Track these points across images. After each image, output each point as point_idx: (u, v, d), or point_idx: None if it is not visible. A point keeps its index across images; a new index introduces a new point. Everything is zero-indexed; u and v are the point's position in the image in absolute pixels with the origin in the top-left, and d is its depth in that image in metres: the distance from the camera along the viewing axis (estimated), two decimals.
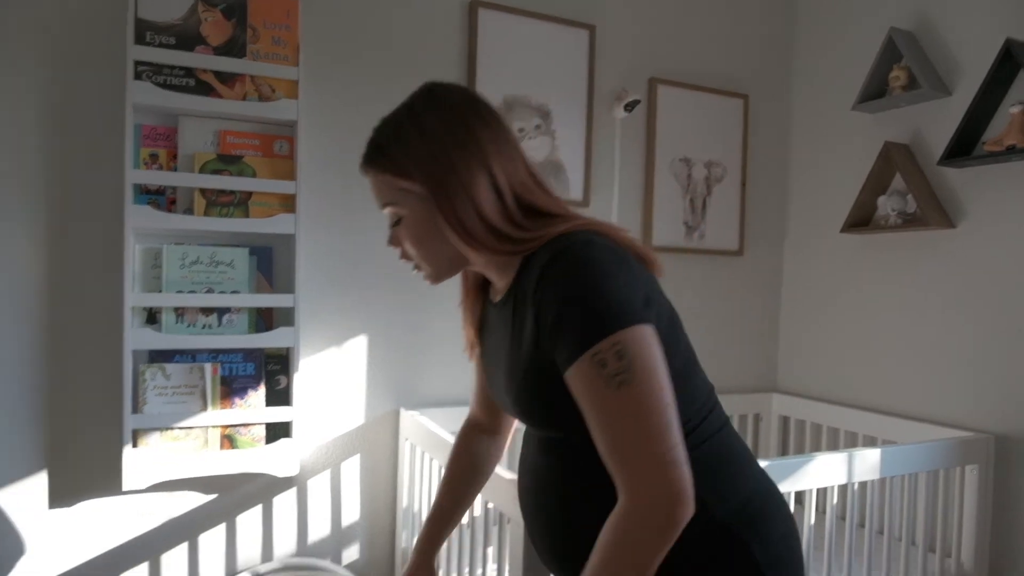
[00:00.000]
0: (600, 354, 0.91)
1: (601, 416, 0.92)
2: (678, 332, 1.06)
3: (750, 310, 2.89)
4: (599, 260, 0.95)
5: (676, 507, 0.89)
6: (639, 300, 0.95)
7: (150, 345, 1.89)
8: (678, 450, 0.90)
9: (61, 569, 1.94)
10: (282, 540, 2.17)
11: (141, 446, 1.88)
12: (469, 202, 0.99)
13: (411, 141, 1.01)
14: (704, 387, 1.09)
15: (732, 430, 1.11)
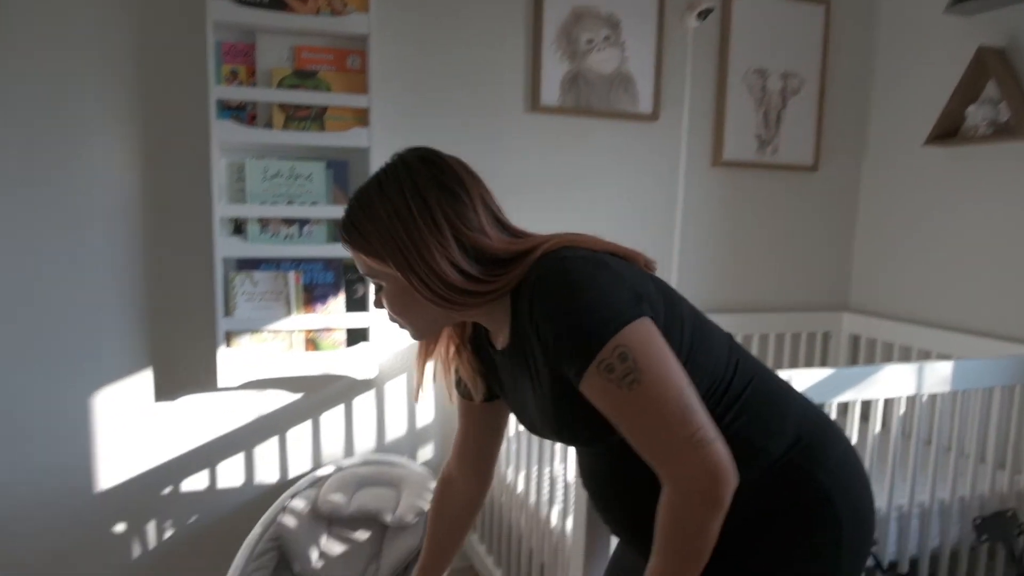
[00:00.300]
0: (604, 361, 0.93)
1: (624, 418, 0.95)
2: (678, 310, 1.07)
3: (822, 227, 2.83)
4: (578, 272, 0.97)
5: (716, 486, 0.92)
6: (627, 298, 0.97)
7: (237, 253, 2.01)
8: (705, 429, 0.93)
9: (166, 457, 2.15)
10: (362, 438, 2.32)
11: (233, 347, 2.03)
12: (437, 276, 1.01)
13: (378, 225, 1.01)
14: (721, 348, 1.10)
15: (766, 372, 1.14)
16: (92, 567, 2.11)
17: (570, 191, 2.46)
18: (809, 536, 1.05)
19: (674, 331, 1.02)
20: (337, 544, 2.00)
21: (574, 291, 0.96)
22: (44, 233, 1.95)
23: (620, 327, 0.93)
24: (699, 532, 0.94)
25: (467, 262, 1.01)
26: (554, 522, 1.83)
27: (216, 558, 2.21)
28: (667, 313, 1.02)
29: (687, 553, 0.96)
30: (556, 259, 0.99)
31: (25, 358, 1.98)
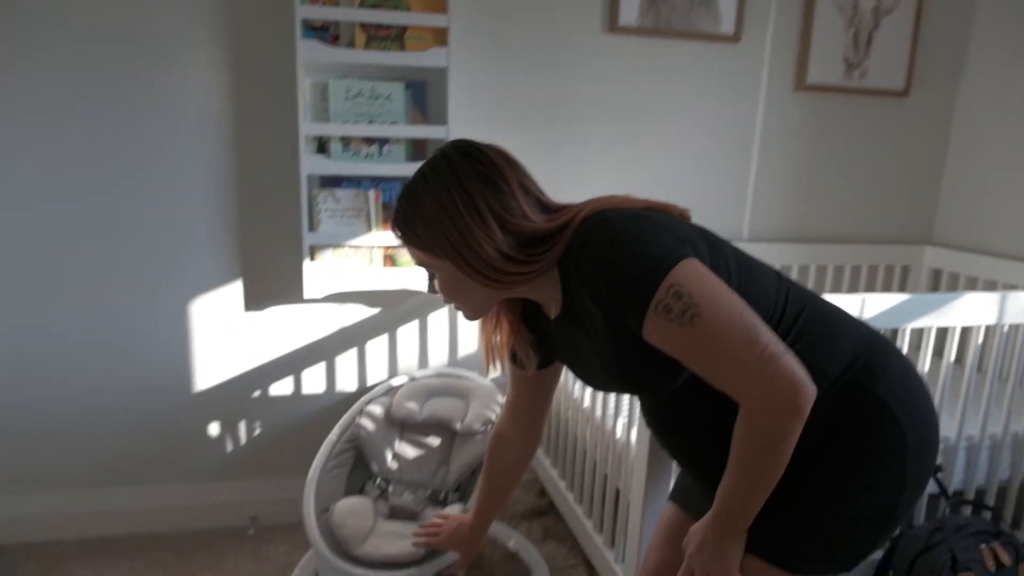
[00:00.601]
0: (661, 302, 0.97)
1: (691, 353, 0.99)
2: (722, 251, 1.09)
3: (909, 156, 2.72)
4: (618, 227, 1.01)
5: (795, 395, 0.95)
6: (672, 242, 1.00)
7: (321, 171, 2.10)
8: (773, 344, 0.96)
9: (255, 363, 2.31)
10: (435, 352, 2.43)
11: (317, 260, 2.14)
12: (485, 263, 1.07)
13: (428, 222, 1.08)
14: (769, 282, 1.12)
15: (818, 300, 1.15)
16: (190, 460, 2.32)
17: (645, 116, 2.44)
18: (873, 447, 1.08)
19: (720, 271, 1.05)
20: (409, 448, 2.13)
21: (618, 245, 1.00)
22: (140, 148, 2.08)
23: (669, 268, 0.97)
24: (779, 444, 0.99)
25: (511, 246, 1.07)
26: (619, 434, 1.90)
27: (299, 458, 2.38)
28: (711, 255, 1.06)
29: (765, 466, 1.01)
30: (595, 222, 1.05)
31: (125, 268, 2.15)
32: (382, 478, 2.05)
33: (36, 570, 2.09)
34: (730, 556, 1.09)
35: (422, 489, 2.03)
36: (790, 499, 1.07)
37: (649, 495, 1.68)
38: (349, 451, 2.07)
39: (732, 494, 1.05)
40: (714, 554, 1.10)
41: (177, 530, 2.32)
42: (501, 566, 2.10)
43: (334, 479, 1.98)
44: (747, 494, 1.04)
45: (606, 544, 1.94)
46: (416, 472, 2.09)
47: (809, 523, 1.09)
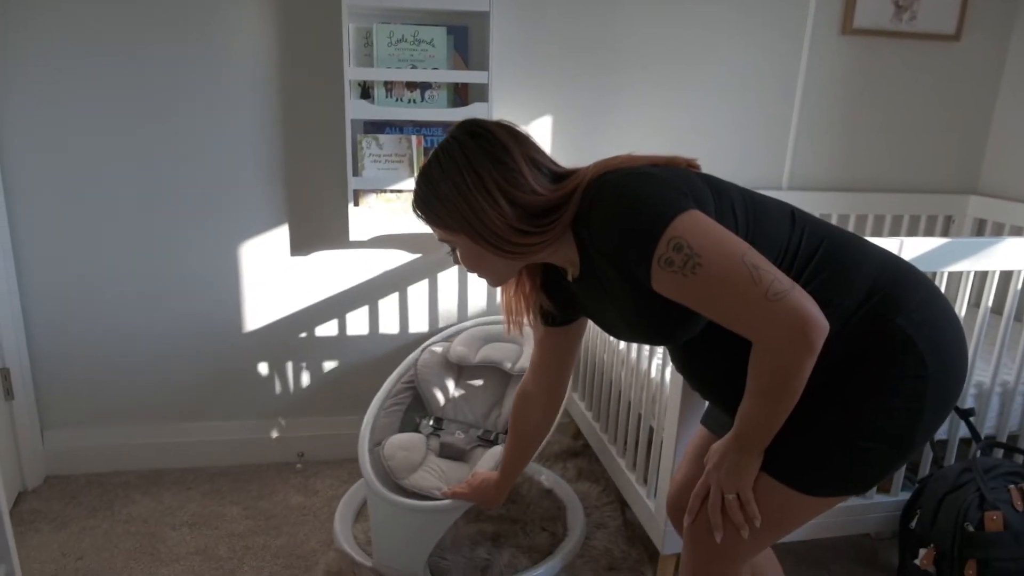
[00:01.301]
0: (663, 256, 1.01)
1: (699, 301, 1.03)
2: (728, 197, 1.12)
3: (958, 103, 2.66)
4: (618, 187, 1.07)
5: (806, 330, 0.99)
6: (671, 195, 1.04)
7: (365, 116, 2.14)
8: (778, 282, 0.99)
9: (301, 306, 2.39)
10: (475, 299, 2.49)
11: (362, 205, 2.19)
12: (500, 237, 1.13)
13: (444, 202, 1.14)
14: (783, 221, 1.15)
15: (837, 234, 1.17)
16: (241, 398, 2.43)
17: (687, 63, 2.42)
18: (893, 374, 1.10)
19: (726, 218, 1.09)
20: (464, 389, 2.20)
21: (618, 204, 1.05)
22: (187, 95, 2.14)
23: (668, 222, 1.01)
24: (792, 377, 1.03)
25: (521, 219, 1.12)
26: (653, 374, 1.95)
27: (343, 398, 2.48)
28: (717, 202, 1.10)
29: (779, 396, 1.06)
30: (598, 185, 1.10)
31: (174, 215, 2.23)
32: (436, 418, 2.14)
33: (99, 498, 2.22)
34: (746, 473, 1.15)
35: (474, 429, 2.11)
36: (807, 422, 1.11)
37: (681, 432, 1.73)
38: (407, 391, 2.16)
39: (748, 417, 1.11)
40: (731, 470, 1.16)
41: (229, 464, 2.44)
42: (537, 502, 2.18)
43: (390, 415, 2.08)
44: (763, 419, 1.09)
45: (639, 481, 2.01)
46: (469, 413, 2.16)
47: (824, 446, 1.12)
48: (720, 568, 1.24)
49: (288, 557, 1.98)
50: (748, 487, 1.16)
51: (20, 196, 2.11)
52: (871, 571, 2.03)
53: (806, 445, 1.13)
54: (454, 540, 1.98)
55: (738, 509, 1.17)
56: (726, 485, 1.17)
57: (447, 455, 2.03)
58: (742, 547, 1.20)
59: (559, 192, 1.14)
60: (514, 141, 1.16)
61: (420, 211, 1.20)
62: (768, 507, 1.16)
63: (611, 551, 2.02)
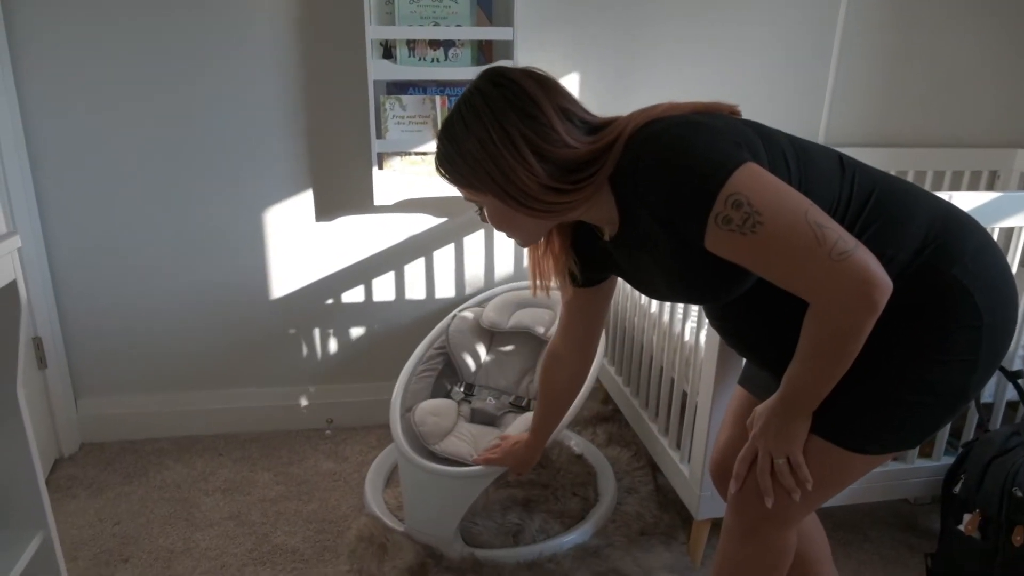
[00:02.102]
0: (720, 214, 0.94)
1: (757, 261, 0.97)
2: (778, 145, 1.05)
3: (1002, 53, 2.54)
4: (669, 140, 0.98)
5: (870, 290, 0.93)
6: (727, 147, 0.96)
7: (387, 76, 2.09)
8: (843, 240, 0.93)
9: (326, 273, 2.37)
10: (502, 263, 2.45)
11: (386, 168, 2.15)
12: (529, 195, 1.05)
13: (468, 159, 1.06)
14: (832, 170, 1.08)
15: (888, 181, 1.11)
16: (269, 365, 2.43)
17: (719, 12, 2.32)
18: (947, 325, 1.06)
19: (779, 168, 1.02)
20: (495, 355, 2.18)
21: (671, 157, 0.97)
22: (207, 58, 2.10)
23: (726, 177, 0.94)
24: (851, 338, 0.98)
25: (554, 177, 1.04)
26: (687, 337, 1.90)
27: (370, 364, 2.47)
28: (768, 152, 1.03)
29: (834, 358, 1.00)
30: (645, 136, 1.01)
31: (197, 178, 2.20)
32: (467, 384, 2.12)
33: (133, 464, 2.25)
34: (795, 437, 1.10)
35: (505, 395, 2.08)
36: (856, 379, 1.05)
37: (717, 398, 1.69)
38: (439, 356, 2.14)
39: (799, 380, 1.06)
40: (778, 435, 1.11)
41: (259, 430, 2.45)
42: (567, 468, 2.16)
43: (421, 381, 2.06)
44: (815, 381, 1.04)
45: (671, 446, 1.97)
46: (501, 378, 2.14)
47: (876, 403, 1.08)
48: (770, 532, 1.20)
49: (320, 522, 1.98)
50: (798, 451, 1.11)
51: (45, 165, 2.10)
52: (911, 536, 1.99)
53: (856, 403, 1.08)
54: (485, 505, 1.97)
55: (789, 473, 1.12)
56: (775, 450, 1.12)
57: (478, 421, 2.01)
58: (793, 510, 1.16)
59: (595, 145, 1.05)
60: (542, 90, 1.07)
61: (443, 170, 1.13)
62: (819, 468, 1.11)
63: (643, 516, 2.00)
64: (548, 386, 1.58)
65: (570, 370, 1.54)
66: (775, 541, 1.21)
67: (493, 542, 1.87)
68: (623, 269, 1.25)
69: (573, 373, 1.55)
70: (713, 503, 1.79)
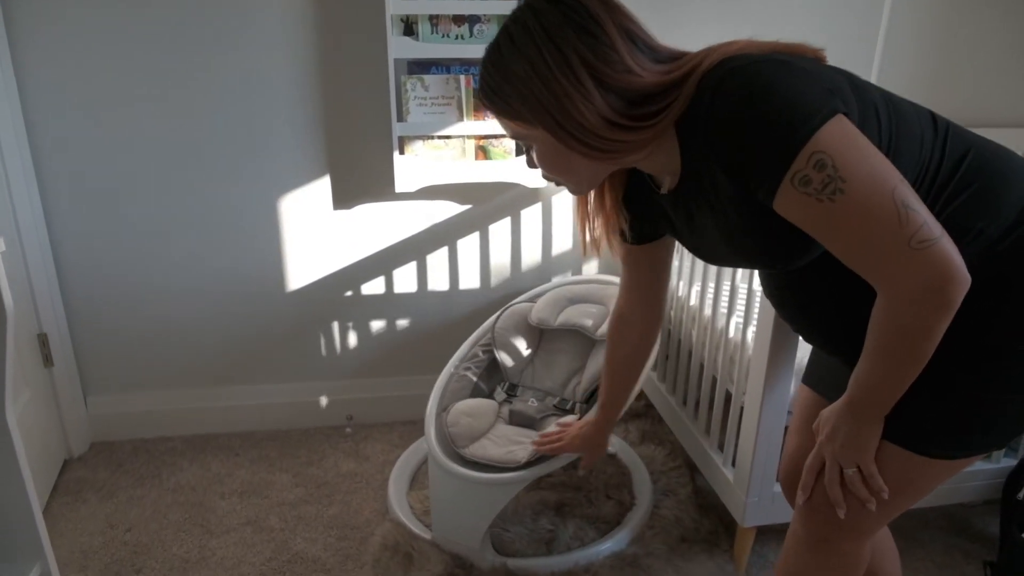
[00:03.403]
0: (799, 173, 0.82)
1: (828, 232, 0.86)
2: (869, 97, 0.92)
3: None
4: (752, 79, 0.85)
5: (947, 285, 0.82)
6: (818, 93, 0.84)
7: (409, 54, 1.96)
8: (927, 226, 0.82)
9: (346, 263, 2.25)
10: (528, 252, 2.32)
11: (408, 153, 2.03)
12: (587, 130, 0.92)
13: (517, 85, 0.93)
14: (925, 129, 0.95)
15: (983, 145, 0.97)
16: (286, 360, 2.32)
17: None
18: None
19: (870, 122, 0.90)
20: (543, 354, 2.05)
21: (753, 98, 0.84)
22: (218, 39, 1.97)
23: (813, 130, 0.82)
24: (924, 336, 0.87)
25: (616, 109, 0.91)
26: (732, 334, 1.78)
27: (392, 359, 2.36)
28: (860, 104, 0.89)
29: (906, 357, 0.90)
30: (724, 72, 0.87)
31: (209, 166, 2.08)
32: (511, 384, 2.00)
33: (146, 465, 2.15)
34: (865, 445, 0.99)
35: (550, 397, 1.96)
36: (935, 377, 0.94)
37: (767, 398, 1.57)
38: (485, 354, 2.02)
39: (868, 381, 0.94)
40: (848, 442, 1.00)
41: (276, 428, 2.35)
42: (600, 468, 2.05)
43: (462, 380, 1.95)
44: (885, 382, 0.93)
45: (713, 448, 1.86)
46: (547, 379, 2.01)
47: (957, 402, 0.96)
48: (841, 543, 1.09)
49: (342, 528, 1.88)
50: (870, 460, 0.99)
51: (48, 157, 1.99)
52: (965, 541, 1.88)
53: (936, 404, 0.97)
54: (516, 510, 1.87)
55: (861, 484, 1.01)
56: (844, 459, 1.01)
57: (516, 423, 1.89)
58: (868, 521, 1.05)
59: (664, 77, 0.92)
60: (603, 6, 0.92)
61: (487, 99, 0.99)
62: (895, 477, 1.00)
63: (682, 520, 1.89)
64: (616, 351, 1.45)
65: (638, 335, 1.41)
66: (846, 553, 1.11)
67: (525, 550, 1.77)
68: (678, 228, 1.12)
69: (641, 338, 1.41)
70: (760, 510, 1.68)
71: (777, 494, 1.67)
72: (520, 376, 2.02)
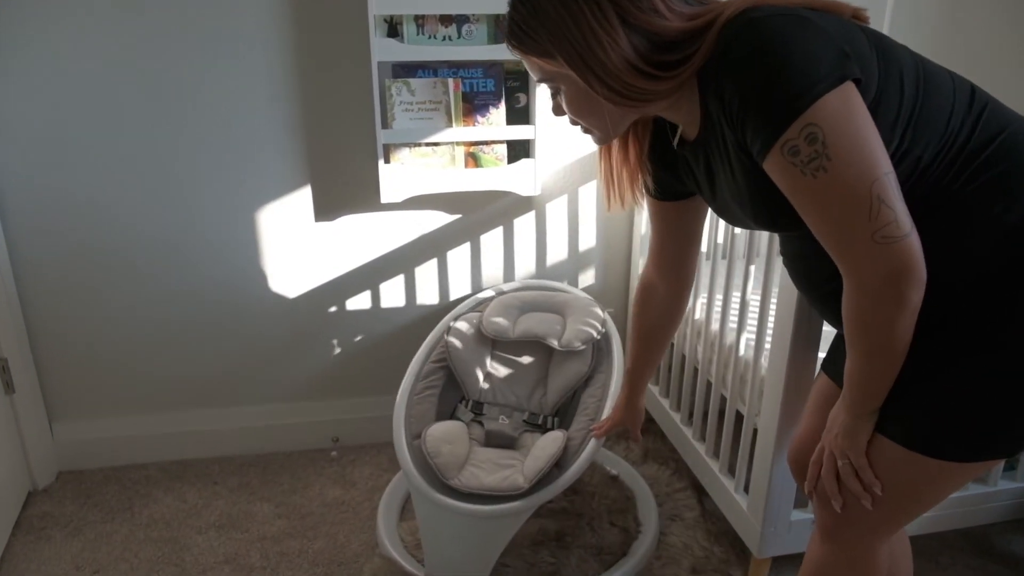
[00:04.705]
0: (790, 142, 0.82)
1: (804, 205, 0.87)
2: (896, 63, 0.89)
3: None
4: (769, 31, 0.83)
5: (901, 281, 0.84)
6: (830, 59, 0.81)
7: (393, 57, 1.84)
8: (896, 224, 0.82)
9: (328, 278, 2.12)
10: (522, 262, 2.21)
11: (394, 162, 1.91)
12: (614, 74, 0.91)
13: (545, 20, 0.92)
14: (959, 101, 0.91)
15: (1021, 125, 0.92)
16: (267, 380, 2.19)
17: None
18: None
19: (891, 89, 0.87)
20: (503, 367, 1.95)
21: (760, 55, 0.83)
22: (192, 40, 1.84)
23: (814, 99, 0.80)
24: (885, 330, 0.88)
25: (640, 54, 0.90)
26: (742, 352, 1.67)
27: (378, 376, 2.24)
28: (882, 69, 0.87)
29: (874, 348, 0.90)
30: (742, 22, 0.86)
31: (181, 176, 1.94)
32: (474, 401, 1.89)
33: (116, 496, 2.01)
34: (854, 437, 1.00)
35: (518, 412, 1.86)
36: (940, 368, 0.92)
37: (784, 425, 1.47)
38: (439, 371, 1.89)
39: (850, 374, 0.96)
40: (844, 433, 1.00)
41: (258, 452, 2.22)
42: (602, 492, 1.94)
43: (424, 401, 1.81)
44: (863, 375, 0.94)
45: (723, 471, 1.76)
46: (511, 394, 1.91)
47: (964, 397, 0.92)
48: (849, 538, 1.07)
49: (328, 564, 1.76)
50: (859, 452, 0.99)
51: (5, 165, 1.84)
52: (988, 562, 1.79)
53: (936, 399, 0.93)
54: (513, 541, 1.75)
55: (853, 476, 1.00)
56: (837, 450, 1.02)
57: (494, 444, 1.78)
58: (872, 518, 1.02)
59: (690, 23, 0.90)
60: None
61: (514, 37, 0.97)
62: (894, 476, 0.98)
63: (691, 548, 1.79)
64: (643, 322, 1.43)
65: (667, 299, 1.38)
66: (857, 551, 1.08)
67: None
68: (699, 182, 1.10)
69: (670, 302, 1.38)
70: (776, 539, 1.58)
71: (795, 522, 1.57)
72: (480, 392, 1.91)
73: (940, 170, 0.89)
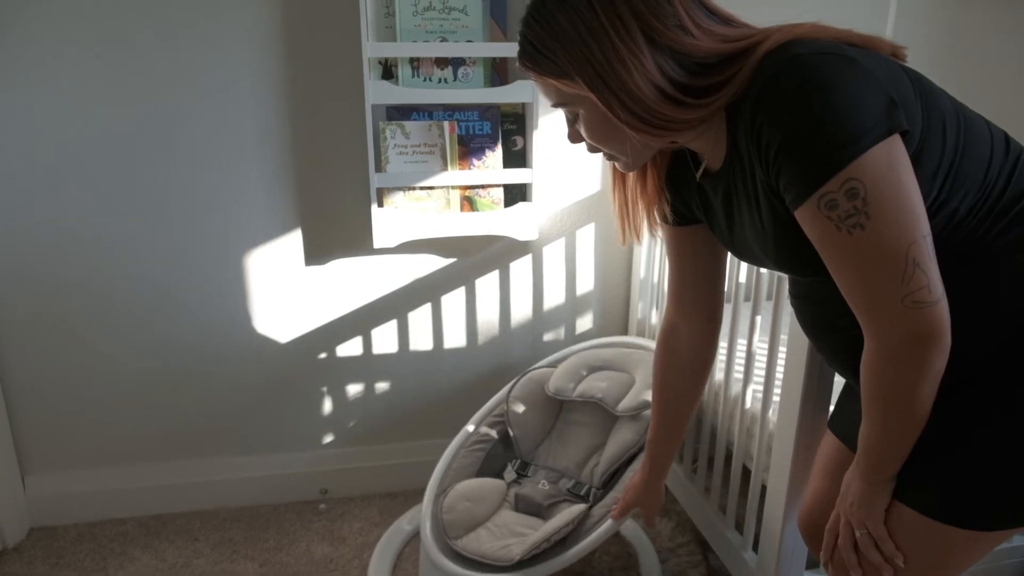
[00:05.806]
0: (828, 195, 0.78)
1: (834, 259, 0.83)
2: (938, 108, 0.84)
3: None
4: (812, 76, 0.77)
5: (925, 349, 0.80)
6: (878, 108, 0.77)
7: (388, 100, 1.79)
8: (928, 290, 0.79)
9: (318, 324, 2.05)
10: (518, 306, 2.15)
11: (387, 206, 1.85)
12: (639, 99, 0.84)
13: (562, 39, 0.86)
14: (997, 149, 0.87)
15: None
16: (253, 429, 2.10)
17: None
18: None
19: (934, 138, 0.82)
20: (560, 430, 1.86)
21: (809, 99, 0.77)
22: (181, 78, 1.79)
23: (858, 154, 0.76)
24: (905, 394, 0.84)
25: (669, 77, 0.84)
26: (748, 404, 1.61)
27: (369, 425, 2.16)
28: (925, 116, 0.83)
29: (896, 415, 0.86)
30: (786, 58, 0.80)
31: (167, 218, 1.88)
32: (522, 462, 1.81)
33: (91, 556, 1.91)
34: (872, 505, 0.94)
35: (564, 479, 1.76)
36: (961, 433, 0.88)
37: (795, 483, 1.41)
38: (497, 426, 1.83)
39: (867, 438, 0.91)
40: (856, 502, 0.95)
41: (241, 505, 2.12)
42: (603, 548, 1.86)
43: (471, 455, 1.76)
44: (880, 439, 0.90)
45: (729, 528, 1.69)
46: (564, 457, 1.82)
47: (987, 464, 0.87)
48: None
49: None
50: (878, 522, 0.94)
51: None
52: None
53: (959, 464, 0.88)
54: None
55: (873, 548, 0.95)
56: (854, 519, 0.96)
57: (523, 509, 1.69)
58: None
59: (722, 45, 0.85)
60: None
61: (528, 57, 0.91)
62: (916, 546, 0.92)
63: None
64: (666, 373, 1.29)
65: (693, 346, 1.25)
66: None
67: None
68: (715, 213, 1.04)
69: (696, 350, 1.26)
70: None
71: None
72: (534, 454, 1.83)
73: (975, 223, 0.86)
